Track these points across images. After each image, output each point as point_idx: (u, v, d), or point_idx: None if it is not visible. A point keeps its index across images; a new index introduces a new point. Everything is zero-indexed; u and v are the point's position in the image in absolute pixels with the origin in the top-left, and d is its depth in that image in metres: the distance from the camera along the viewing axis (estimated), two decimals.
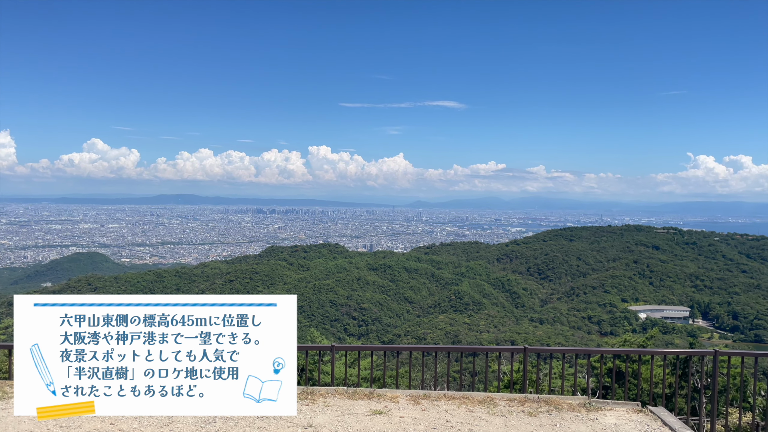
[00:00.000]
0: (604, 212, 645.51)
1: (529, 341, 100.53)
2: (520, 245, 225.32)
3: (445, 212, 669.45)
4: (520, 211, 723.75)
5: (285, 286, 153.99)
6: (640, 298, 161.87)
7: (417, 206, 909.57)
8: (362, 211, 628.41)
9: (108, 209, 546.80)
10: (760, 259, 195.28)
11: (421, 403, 9.67)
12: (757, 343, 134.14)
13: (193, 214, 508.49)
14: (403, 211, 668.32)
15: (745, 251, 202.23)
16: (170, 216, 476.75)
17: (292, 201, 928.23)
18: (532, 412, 9.28)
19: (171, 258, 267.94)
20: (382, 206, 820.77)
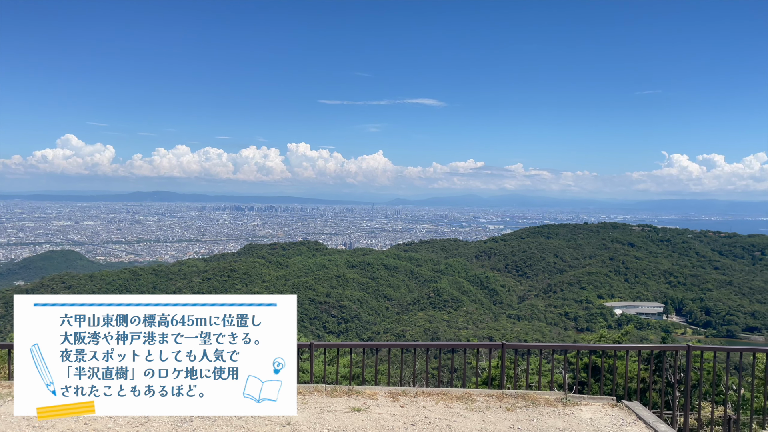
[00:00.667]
0: (580, 210, 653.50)
1: (507, 338, 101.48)
2: (499, 242, 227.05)
3: (424, 210, 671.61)
4: (498, 209, 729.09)
5: (263, 284, 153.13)
6: (616, 295, 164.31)
7: (396, 204, 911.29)
8: (342, 209, 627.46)
9: (83, 206, 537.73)
10: (732, 256, 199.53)
11: (399, 399, 9.69)
12: (729, 338, 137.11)
13: (170, 211, 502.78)
14: (382, 209, 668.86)
15: (717, 248, 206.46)
16: (146, 213, 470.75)
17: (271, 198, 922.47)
18: (509, 407, 9.36)
19: (147, 256, 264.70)
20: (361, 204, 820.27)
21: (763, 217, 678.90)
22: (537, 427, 8.56)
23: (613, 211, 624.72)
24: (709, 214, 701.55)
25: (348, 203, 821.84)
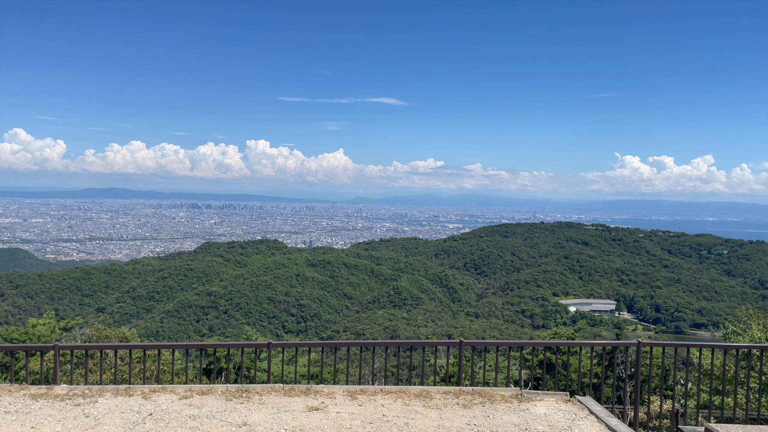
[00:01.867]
0: (537, 209, 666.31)
1: (465, 335, 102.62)
2: (458, 241, 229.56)
3: (384, 208, 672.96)
4: (457, 208, 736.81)
5: (221, 283, 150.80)
6: (570, 292, 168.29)
7: (357, 202, 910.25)
8: (302, 207, 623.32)
9: (31, 203, 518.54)
10: (680, 255, 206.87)
11: (358, 398, 9.65)
12: (677, 334, 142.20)
13: (124, 208, 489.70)
14: (343, 207, 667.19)
15: (666, 247, 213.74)
16: (99, 210, 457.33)
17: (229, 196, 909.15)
18: (466, 404, 9.44)
19: (100, 254, 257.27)
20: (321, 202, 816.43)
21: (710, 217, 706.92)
22: (493, 423, 8.66)
23: (568, 211, 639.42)
24: (659, 214, 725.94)
25: (308, 201, 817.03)
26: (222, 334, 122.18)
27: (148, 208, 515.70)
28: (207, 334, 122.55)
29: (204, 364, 18.92)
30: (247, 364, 18.65)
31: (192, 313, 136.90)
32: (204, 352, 17.90)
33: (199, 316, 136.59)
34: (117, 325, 60.07)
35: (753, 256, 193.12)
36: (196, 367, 19.29)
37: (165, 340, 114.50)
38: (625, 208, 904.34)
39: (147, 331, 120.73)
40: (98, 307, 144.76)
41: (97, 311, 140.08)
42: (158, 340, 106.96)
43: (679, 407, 11.88)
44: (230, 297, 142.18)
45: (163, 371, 15.50)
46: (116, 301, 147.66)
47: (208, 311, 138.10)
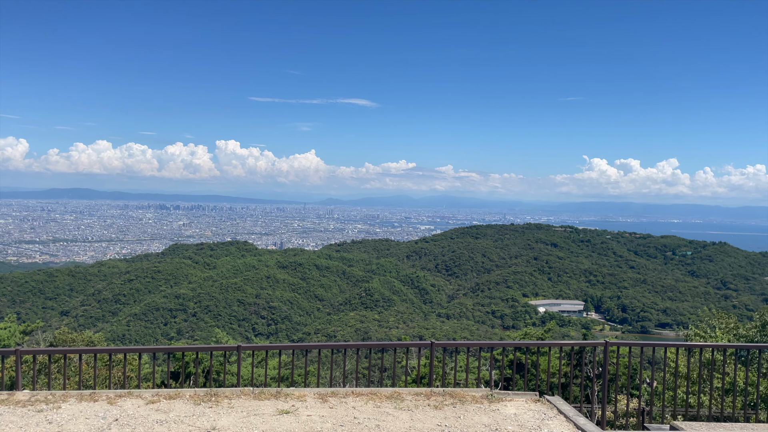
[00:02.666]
0: (507, 211, 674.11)
1: (436, 336, 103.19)
2: (429, 243, 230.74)
3: (356, 210, 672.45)
4: (429, 209, 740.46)
5: (190, 286, 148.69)
6: (540, 293, 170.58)
7: (329, 203, 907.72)
8: (272, 208, 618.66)
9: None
10: (646, 256, 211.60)
11: (329, 400, 9.61)
12: (644, 333, 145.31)
13: (89, 209, 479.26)
14: (314, 209, 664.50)
15: (633, 248, 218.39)
16: (63, 211, 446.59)
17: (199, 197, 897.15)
18: (437, 405, 9.48)
19: (64, 256, 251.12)
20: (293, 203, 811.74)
21: (674, 219, 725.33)
22: (463, 424, 8.71)
23: (537, 213, 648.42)
24: (626, 215, 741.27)
25: (279, 203, 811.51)
26: (191, 337, 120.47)
27: (115, 209, 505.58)
28: (175, 337, 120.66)
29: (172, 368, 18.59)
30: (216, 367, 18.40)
31: (159, 316, 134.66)
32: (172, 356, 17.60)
33: (167, 319, 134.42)
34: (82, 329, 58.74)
35: (715, 257, 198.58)
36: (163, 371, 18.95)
37: (132, 343, 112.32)
38: (592, 210, 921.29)
39: (113, 334, 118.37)
40: (62, 310, 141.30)
41: (61, 315, 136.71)
42: (125, 344, 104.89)
43: (646, 405, 12.12)
44: (199, 299, 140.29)
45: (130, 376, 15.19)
46: (81, 304, 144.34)
47: (177, 314, 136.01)
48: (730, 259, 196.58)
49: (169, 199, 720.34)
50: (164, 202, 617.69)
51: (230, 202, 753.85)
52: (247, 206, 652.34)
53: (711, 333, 19.67)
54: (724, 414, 11.90)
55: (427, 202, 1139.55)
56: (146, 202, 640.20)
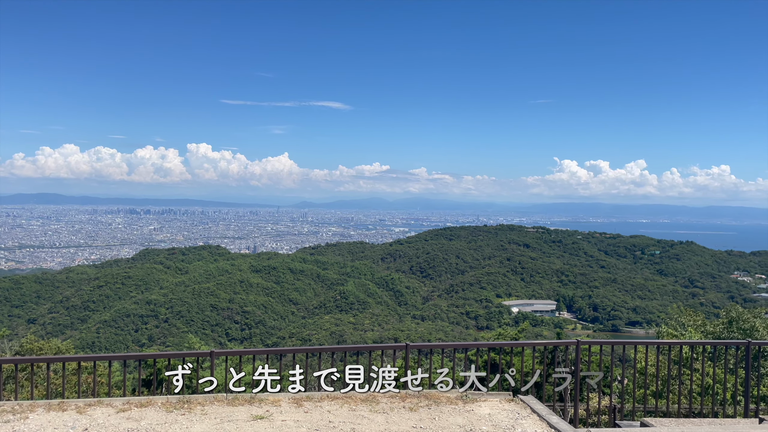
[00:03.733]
0: (480, 212, 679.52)
1: (411, 338, 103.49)
2: (404, 245, 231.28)
3: (330, 213, 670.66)
4: (403, 212, 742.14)
5: (161, 291, 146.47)
6: (513, 294, 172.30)
7: (302, 207, 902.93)
8: (245, 212, 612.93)
9: None
10: (616, 255, 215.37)
11: (303, 405, 9.58)
12: (614, 332, 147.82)
13: (57, 214, 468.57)
14: (288, 212, 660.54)
15: (603, 248, 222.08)
16: (30, 217, 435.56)
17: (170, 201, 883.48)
18: (412, 407, 9.53)
19: (30, 263, 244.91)
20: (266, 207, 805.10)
21: (643, 219, 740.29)
22: (438, 425, 8.77)
23: (510, 214, 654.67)
24: (596, 216, 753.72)
25: (252, 206, 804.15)
26: (162, 343, 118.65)
27: (83, 213, 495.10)
28: (146, 344, 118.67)
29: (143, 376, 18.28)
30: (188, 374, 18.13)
31: (130, 323, 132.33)
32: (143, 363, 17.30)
33: (137, 326, 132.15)
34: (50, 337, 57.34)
35: (683, 255, 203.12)
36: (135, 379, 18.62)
37: (102, 351, 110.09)
38: (564, 210, 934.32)
39: (82, 342, 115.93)
40: (29, 318, 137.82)
41: (27, 323, 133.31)
42: (94, 352, 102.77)
43: (617, 403, 12.34)
44: (171, 305, 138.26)
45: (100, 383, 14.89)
46: (48, 311, 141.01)
47: (148, 320, 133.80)
48: (696, 257, 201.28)
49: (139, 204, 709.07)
50: (134, 207, 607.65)
51: (202, 206, 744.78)
52: (220, 210, 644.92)
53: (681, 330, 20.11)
54: (694, 410, 12.18)
55: (401, 204, 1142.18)
56: (116, 206, 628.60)
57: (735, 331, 19.76)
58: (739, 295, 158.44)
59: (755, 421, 11.02)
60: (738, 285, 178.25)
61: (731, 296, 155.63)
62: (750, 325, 19.68)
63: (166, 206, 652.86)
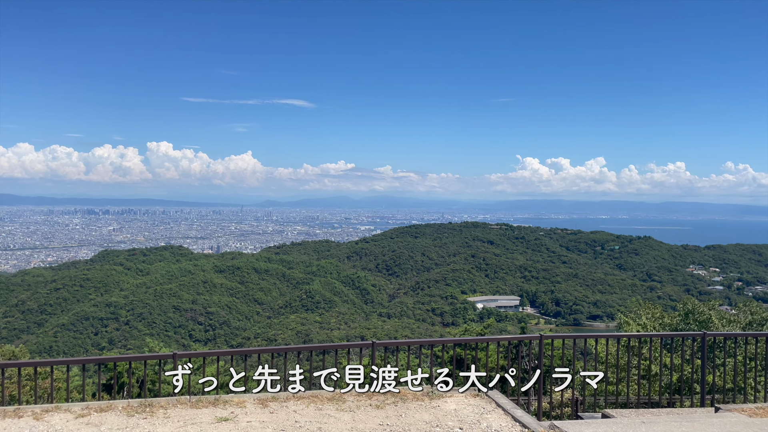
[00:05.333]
0: (445, 210, 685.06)
1: (378, 336, 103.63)
2: (369, 243, 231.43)
3: (295, 211, 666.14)
4: (369, 210, 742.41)
5: (122, 293, 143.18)
6: (478, 290, 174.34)
7: (267, 205, 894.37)
8: (208, 211, 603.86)
9: None
10: (577, 251, 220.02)
11: (269, 405, 9.49)
12: (576, 326, 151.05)
13: (10, 215, 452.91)
14: (252, 211, 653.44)
15: (565, 244, 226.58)
16: None
17: (129, 201, 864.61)
18: (379, 404, 9.53)
19: None
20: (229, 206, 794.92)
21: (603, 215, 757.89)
22: (405, 422, 8.80)
23: (474, 211, 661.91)
24: (557, 212, 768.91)
25: (215, 205, 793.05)
26: (123, 346, 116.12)
27: (38, 214, 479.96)
28: (107, 347, 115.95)
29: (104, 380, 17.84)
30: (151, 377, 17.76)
31: (89, 326, 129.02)
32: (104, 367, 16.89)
33: (97, 329, 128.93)
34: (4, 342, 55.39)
35: (641, 250, 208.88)
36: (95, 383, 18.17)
37: (60, 355, 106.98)
38: (526, 207, 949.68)
39: (39, 347, 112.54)
40: None
41: None
42: (52, 356, 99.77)
43: (579, 395, 12.60)
44: (132, 307, 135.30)
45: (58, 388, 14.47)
46: (3, 315, 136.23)
47: (108, 323, 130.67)
48: (654, 252, 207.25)
49: (97, 204, 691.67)
50: (92, 207, 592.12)
51: (163, 206, 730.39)
52: (182, 209, 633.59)
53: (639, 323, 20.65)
54: (652, 400, 12.53)
55: (367, 202, 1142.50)
56: (73, 207, 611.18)
57: (691, 323, 20.41)
58: (694, 288, 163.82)
59: (711, 410, 11.39)
60: (693, 278, 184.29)
61: (687, 289, 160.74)
62: (705, 317, 20.35)
63: (125, 206, 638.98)
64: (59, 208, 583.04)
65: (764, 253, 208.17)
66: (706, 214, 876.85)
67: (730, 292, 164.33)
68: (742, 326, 20.27)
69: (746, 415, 9.77)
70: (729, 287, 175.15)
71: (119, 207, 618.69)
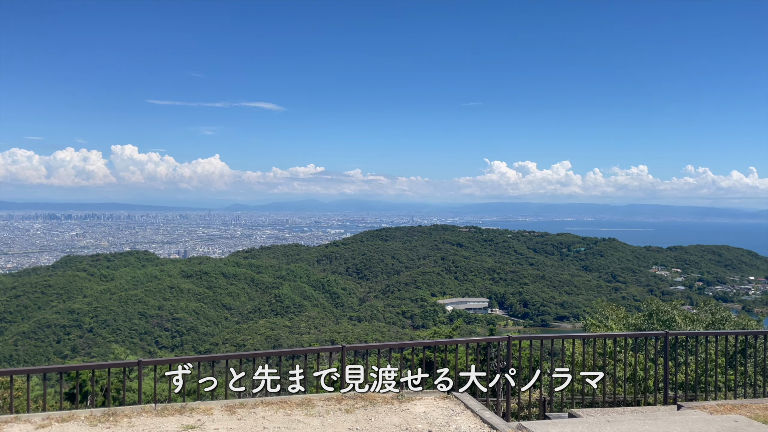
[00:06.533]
0: (415, 213, 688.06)
1: (348, 339, 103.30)
2: (340, 246, 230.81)
3: (264, 215, 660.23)
4: (339, 213, 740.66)
5: (85, 300, 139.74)
6: (447, 292, 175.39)
7: (235, 209, 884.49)
8: (175, 215, 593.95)
9: None
10: (544, 253, 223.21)
11: (237, 412, 9.36)
12: (544, 327, 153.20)
13: None
14: (220, 215, 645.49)
15: (532, 246, 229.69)
16: None
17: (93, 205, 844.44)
18: (348, 409, 9.50)
19: None
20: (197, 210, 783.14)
21: (568, 217, 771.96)
22: (374, 426, 8.78)
23: (443, 214, 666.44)
24: (525, 215, 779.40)
25: (182, 209, 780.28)
26: (87, 354, 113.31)
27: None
28: (69, 355, 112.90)
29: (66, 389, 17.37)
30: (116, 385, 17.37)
31: (51, 334, 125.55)
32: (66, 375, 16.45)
33: (59, 337, 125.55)
34: None
35: (606, 252, 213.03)
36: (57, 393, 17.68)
37: (20, 365, 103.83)
38: (494, 210, 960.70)
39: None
40: None
41: None
42: (12, 365, 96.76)
43: (546, 395, 12.76)
44: (96, 314, 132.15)
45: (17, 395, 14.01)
46: None
47: (71, 331, 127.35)
48: (618, 253, 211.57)
49: (59, 208, 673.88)
50: (54, 212, 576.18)
51: (128, 210, 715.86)
52: (147, 214, 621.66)
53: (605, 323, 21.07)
54: (618, 399, 12.76)
55: (337, 205, 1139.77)
56: (34, 211, 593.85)
57: (655, 322, 20.91)
58: (657, 289, 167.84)
59: (674, 407, 11.67)
60: (656, 279, 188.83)
61: (650, 290, 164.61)
62: (669, 317, 20.88)
63: (89, 211, 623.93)
64: (19, 213, 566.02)
65: (724, 254, 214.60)
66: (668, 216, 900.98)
67: (692, 292, 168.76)
68: (705, 326, 20.85)
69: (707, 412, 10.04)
70: (690, 287, 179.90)
71: (82, 211, 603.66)
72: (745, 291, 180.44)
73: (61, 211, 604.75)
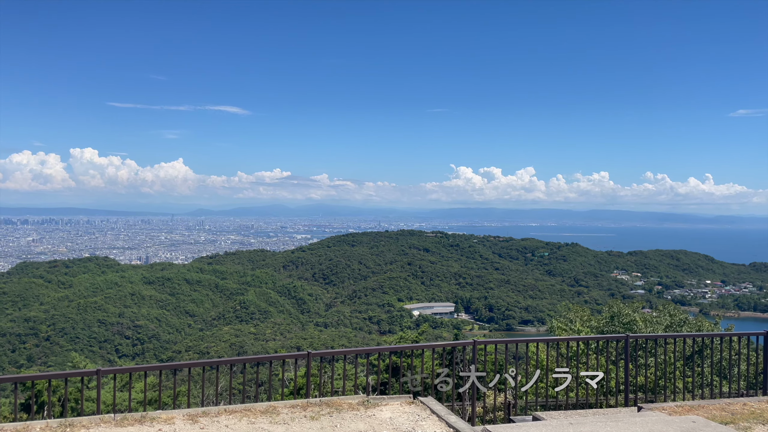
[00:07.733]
0: (382, 218, 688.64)
1: (314, 346, 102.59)
2: (306, 252, 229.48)
3: (229, 220, 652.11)
4: (305, 218, 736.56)
5: (42, 307, 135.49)
6: (414, 297, 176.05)
7: (199, 214, 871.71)
8: (136, 221, 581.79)
9: None
10: (509, 258, 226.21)
11: (199, 421, 9.17)
12: (509, 330, 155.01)
13: None
14: (183, 220, 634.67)
15: (497, 251, 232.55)
16: None
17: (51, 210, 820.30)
18: (314, 416, 9.40)
19: None
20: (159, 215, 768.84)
21: (533, 222, 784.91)
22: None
23: (410, 219, 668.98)
24: (490, 220, 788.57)
25: (144, 214, 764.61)
26: (44, 363, 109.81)
27: None
28: (25, 364, 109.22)
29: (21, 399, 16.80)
30: (74, 395, 16.87)
31: (6, 342, 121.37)
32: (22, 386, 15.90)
33: (15, 346, 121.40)
34: None
35: (569, 257, 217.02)
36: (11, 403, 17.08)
37: None
38: (460, 215, 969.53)
39: None
40: None
41: None
42: None
43: (511, 399, 12.88)
44: (53, 322, 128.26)
45: None
46: None
47: (26, 339, 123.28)
48: (581, 258, 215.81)
49: (15, 213, 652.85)
50: (9, 216, 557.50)
51: (88, 215, 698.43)
52: (108, 219, 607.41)
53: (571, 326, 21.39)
54: (581, 401, 12.97)
55: (303, 211, 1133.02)
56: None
57: (617, 325, 21.34)
58: (618, 293, 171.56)
59: (634, 409, 11.91)
60: (617, 283, 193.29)
61: (612, 293, 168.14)
62: (630, 320, 21.34)
63: (46, 215, 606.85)
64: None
65: (681, 258, 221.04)
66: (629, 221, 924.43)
67: (651, 295, 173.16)
68: (663, 328, 21.39)
69: (666, 413, 10.27)
70: (650, 291, 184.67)
71: (39, 216, 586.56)
72: (701, 294, 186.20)
73: (17, 215, 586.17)
